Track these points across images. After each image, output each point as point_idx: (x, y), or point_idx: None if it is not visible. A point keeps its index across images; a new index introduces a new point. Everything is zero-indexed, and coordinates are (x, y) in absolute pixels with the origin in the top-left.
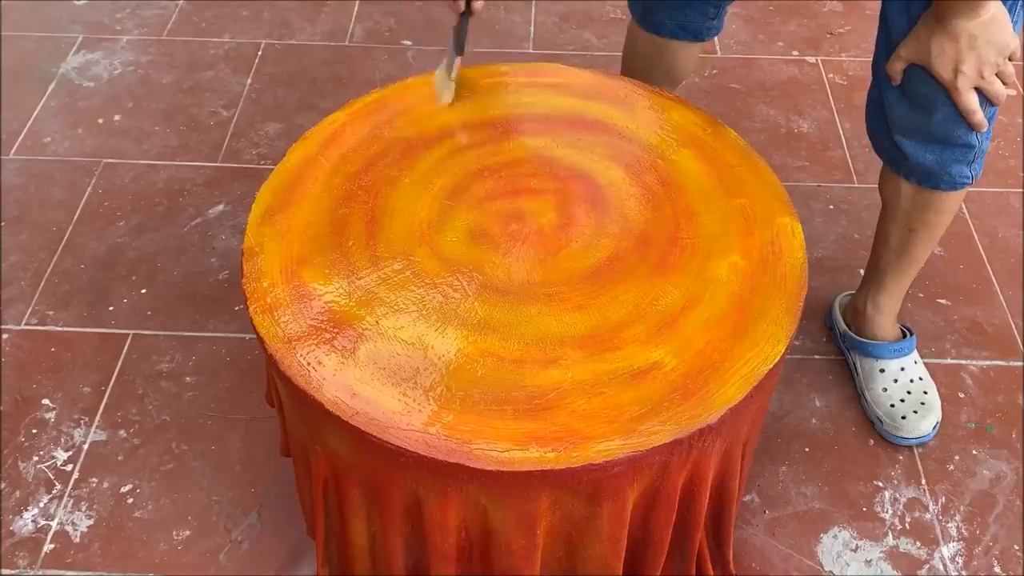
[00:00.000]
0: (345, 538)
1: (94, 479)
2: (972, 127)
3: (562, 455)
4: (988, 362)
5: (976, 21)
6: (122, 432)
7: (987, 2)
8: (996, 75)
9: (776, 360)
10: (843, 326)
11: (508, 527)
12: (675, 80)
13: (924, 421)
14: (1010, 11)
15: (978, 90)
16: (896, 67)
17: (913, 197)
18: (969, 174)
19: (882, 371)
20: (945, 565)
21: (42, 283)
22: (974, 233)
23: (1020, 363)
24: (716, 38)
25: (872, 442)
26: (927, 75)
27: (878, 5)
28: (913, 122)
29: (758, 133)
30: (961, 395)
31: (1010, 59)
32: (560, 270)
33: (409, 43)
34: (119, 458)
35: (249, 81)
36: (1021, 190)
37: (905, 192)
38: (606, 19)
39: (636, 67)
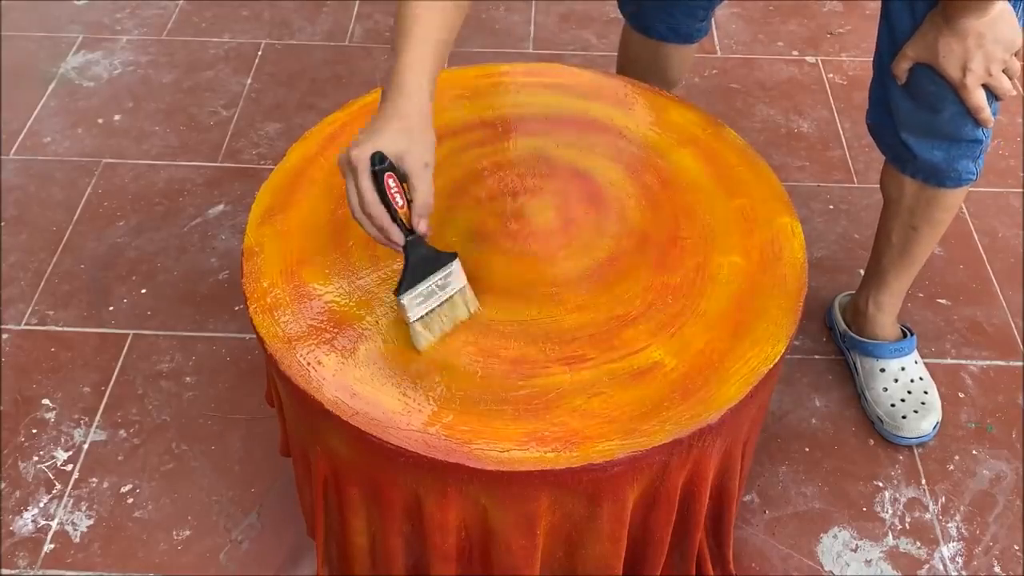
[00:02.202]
0: (345, 538)
1: (94, 479)
2: (979, 123)
3: (562, 455)
4: (988, 362)
5: (984, 19)
6: (122, 432)
7: (996, 0)
8: (1003, 71)
9: (776, 360)
10: (843, 326)
11: (508, 527)
12: (671, 81)
13: (924, 421)
14: (1014, 8)
15: (984, 87)
16: (902, 67)
17: (917, 194)
18: (974, 170)
19: (883, 371)
20: (945, 565)
21: (42, 283)
22: (974, 233)
23: (1020, 363)
24: (716, 38)
25: (872, 442)
26: (934, 74)
27: (878, 5)
28: (920, 120)
29: (758, 133)
30: (961, 395)
31: (1015, 55)
32: (560, 270)
33: None
34: (119, 458)
35: (249, 81)
36: (1021, 190)
37: (909, 190)
38: (606, 19)
39: (631, 69)
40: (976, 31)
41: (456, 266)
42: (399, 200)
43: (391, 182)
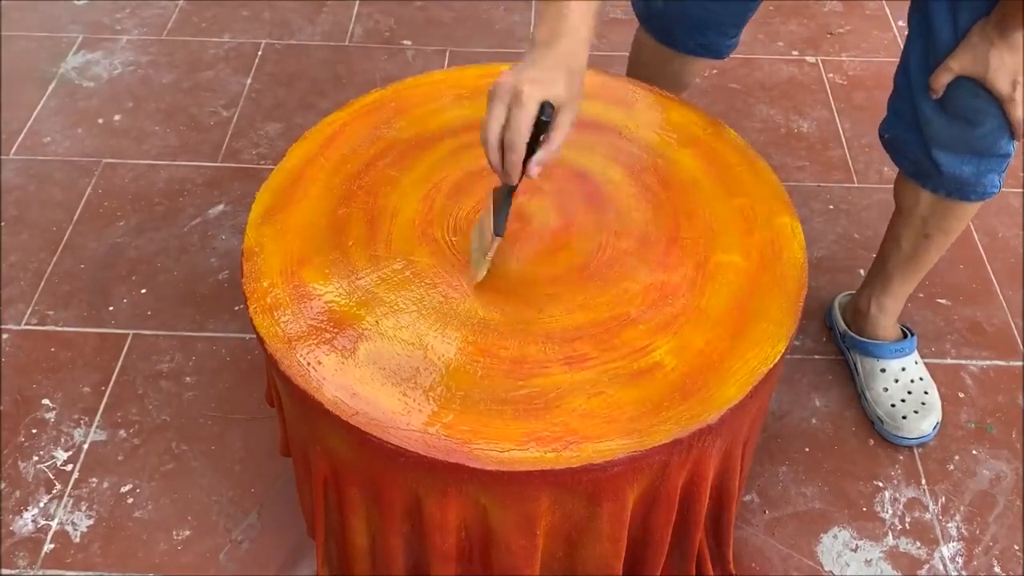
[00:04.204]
0: (345, 538)
1: (94, 479)
2: (1015, 137)
3: (562, 455)
4: (988, 362)
5: None
6: (122, 432)
7: None
8: None
9: (776, 360)
10: (843, 326)
11: (508, 527)
12: (682, 86)
13: (924, 421)
14: None
15: None
16: (943, 80)
17: (933, 205)
18: (998, 183)
19: (883, 371)
20: (945, 565)
21: (42, 283)
22: (974, 233)
23: (1020, 363)
24: None
25: (872, 442)
26: (977, 87)
27: (878, 5)
28: (953, 135)
29: (758, 133)
30: (961, 395)
31: None
32: (560, 270)
33: (409, 43)
34: (119, 458)
35: (249, 81)
36: (1021, 190)
37: (925, 200)
38: (606, 19)
39: (643, 73)
40: None
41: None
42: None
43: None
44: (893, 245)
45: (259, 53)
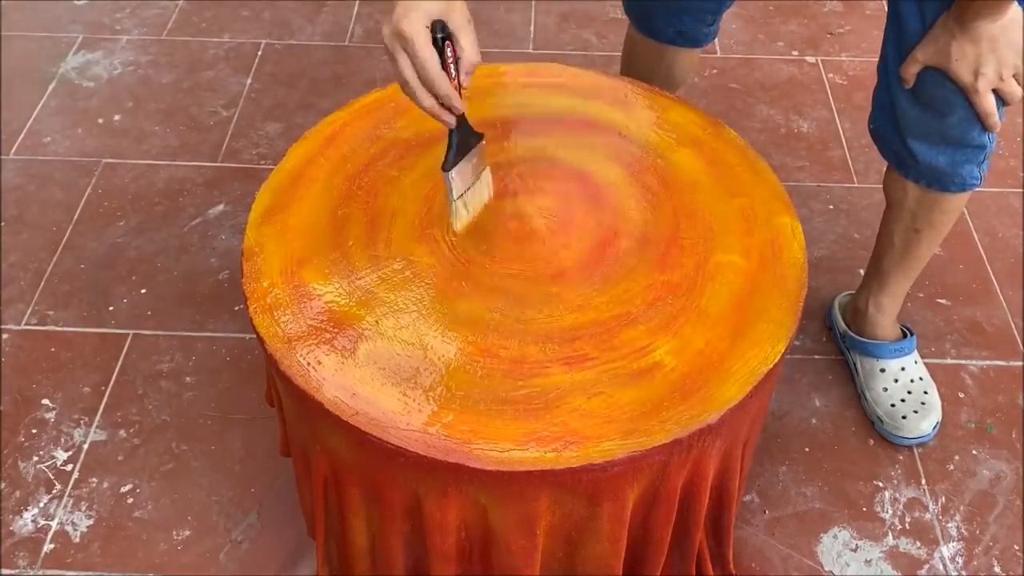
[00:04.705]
0: (345, 538)
1: (94, 479)
2: (987, 128)
3: (562, 455)
4: (988, 362)
5: (998, 23)
6: (122, 432)
7: (1011, 4)
8: (1012, 76)
9: (776, 360)
10: (843, 326)
11: (508, 527)
12: (675, 83)
13: (924, 421)
14: None
15: (993, 92)
16: (911, 70)
17: (920, 198)
18: (978, 175)
19: (882, 371)
20: (945, 565)
21: (42, 283)
22: (974, 233)
23: (1020, 363)
24: (716, 38)
25: (872, 442)
26: (943, 78)
27: (878, 5)
28: (926, 125)
29: (758, 133)
30: (961, 395)
31: None
32: (560, 270)
33: None
34: (119, 458)
35: (249, 81)
36: (1021, 190)
37: (912, 193)
38: (606, 19)
39: (635, 71)
40: (990, 35)
41: (483, 146)
42: (452, 71)
43: (448, 51)
44: (886, 242)
45: (259, 53)
